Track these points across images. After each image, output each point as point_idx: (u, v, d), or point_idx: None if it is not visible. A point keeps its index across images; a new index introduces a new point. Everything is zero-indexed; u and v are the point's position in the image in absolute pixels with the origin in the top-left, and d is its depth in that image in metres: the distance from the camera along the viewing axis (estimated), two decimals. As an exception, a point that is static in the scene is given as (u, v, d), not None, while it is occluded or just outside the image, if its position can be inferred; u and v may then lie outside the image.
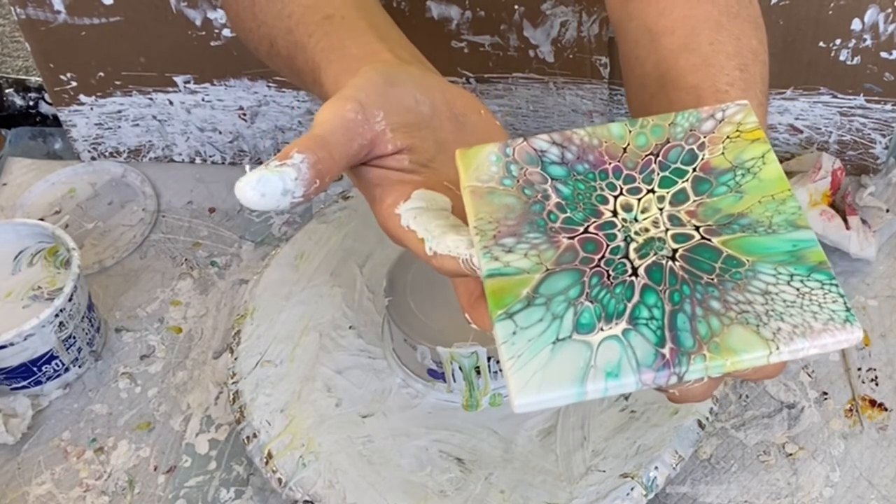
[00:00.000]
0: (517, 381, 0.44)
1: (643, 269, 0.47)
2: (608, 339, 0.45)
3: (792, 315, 0.45)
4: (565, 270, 0.47)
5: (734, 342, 0.44)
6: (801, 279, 0.46)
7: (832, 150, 0.92)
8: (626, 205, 0.50)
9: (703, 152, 0.52)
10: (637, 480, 0.68)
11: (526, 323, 0.45)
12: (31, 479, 0.77)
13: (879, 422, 0.76)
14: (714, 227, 0.49)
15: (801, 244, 0.48)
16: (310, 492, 0.69)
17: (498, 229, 0.49)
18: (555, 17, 0.86)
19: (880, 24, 0.83)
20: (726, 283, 0.46)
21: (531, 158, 0.52)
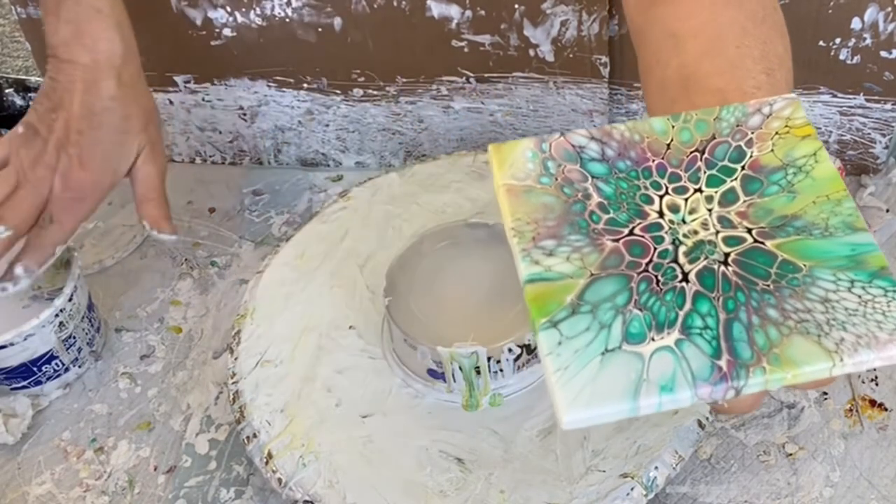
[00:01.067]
0: (565, 395, 0.41)
1: (694, 274, 0.45)
2: (661, 349, 0.42)
3: (855, 324, 0.42)
4: (611, 276, 0.45)
5: (795, 354, 0.42)
6: (863, 286, 0.44)
7: (832, 149, 0.92)
8: (673, 205, 0.48)
9: (752, 149, 0.49)
10: (637, 480, 0.67)
11: (572, 332, 0.43)
12: (31, 479, 0.77)
13: (879, 422, 0.76)
14: (767, 230, 0.46)
15: (860, 248, 0.45)
16: (310, 492, 0.69)
17: (537, 231, 0.47)
18: (555, 16, 0.86)
19: (880, 22, 0.83)
20: (783, 290, 0.44)
21: (569, 155, 0.50)
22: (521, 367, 0.73)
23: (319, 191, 0.98)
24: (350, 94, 0.95)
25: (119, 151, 0.74)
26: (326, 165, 1.01)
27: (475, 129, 0.96)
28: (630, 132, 0.50)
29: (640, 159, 0.49)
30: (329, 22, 0.89)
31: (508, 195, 0.48)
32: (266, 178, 1.00)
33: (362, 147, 0.99)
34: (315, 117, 0.97)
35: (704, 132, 0.50)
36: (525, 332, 0.72)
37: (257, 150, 1.00)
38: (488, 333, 0.71)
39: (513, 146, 0.50)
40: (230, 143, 1.00)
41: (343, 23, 0.89)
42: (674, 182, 0.48)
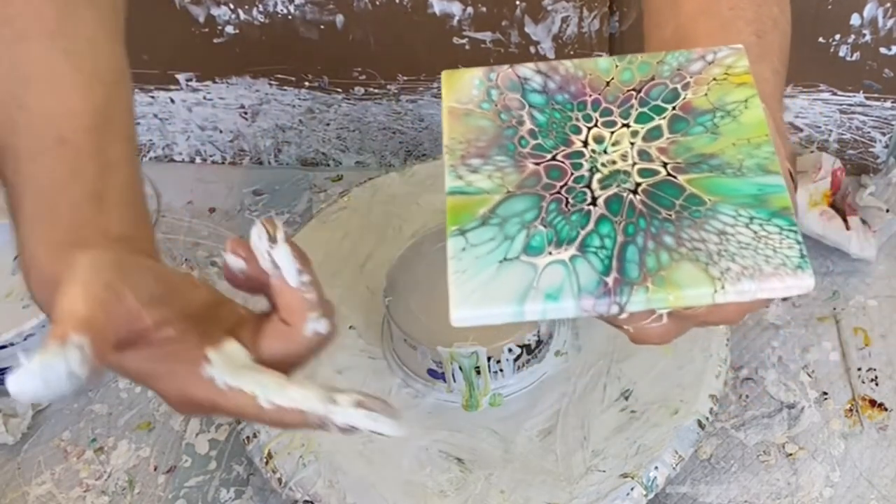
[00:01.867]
0: (458, 294, 0.44)
1: (602, 199, 0.47)
2: (554, 262, 0.45)
3: (744, 257, 0.44)
4: (525, 194, 0.48)
5: (680, 277, 0.44)
6: (761, 223, 0.46)
7: (832, 148, 0.92)
8: (598, 136, 0.50)
9: (687, 92, 0.51)
10: (637, 480, 0.67)
11: (477, 241, 0.46)
12: (31, 479, 0.77)
13: (879, 422, 0.76)
14: (682, 166, 0.48)
15: (767, 189, 0.47)
16: (310, 492, 0.69)
17: (467, 149, 0.50)
18: (556, 13, 0.86)
19: (879, 18, 0.83)
20: (683, 220, 0.46)
21: (513, 85, 0.53)
22: (521, 367, 0.73)
23: (319, 191, 0.98)
24: (351, 93, 0.95)
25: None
26: (326, 165, 1.01)
27: (475, 127, 0.96)
28: (575, 68, 0.53)
29: (579, 93, 0.52)
30: (331, 19, 0.89)
31: (450, 117, 0.52)
32: (266, 177, 1.00)
33: (363, 146, 0.99)
34: (316, 116, 0.97)
35: (645, 73, 0.52)
36: (525, 332, 0.72)
37: (257, 150, 1.00)
38: (488, 333, 0.71)
39: (463, 73, 0.53)
40: (231, 143, 1.00)
41: (345, 20, 0.89)
42: (605, 116, 0.51)
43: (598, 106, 0.51)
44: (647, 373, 0.73)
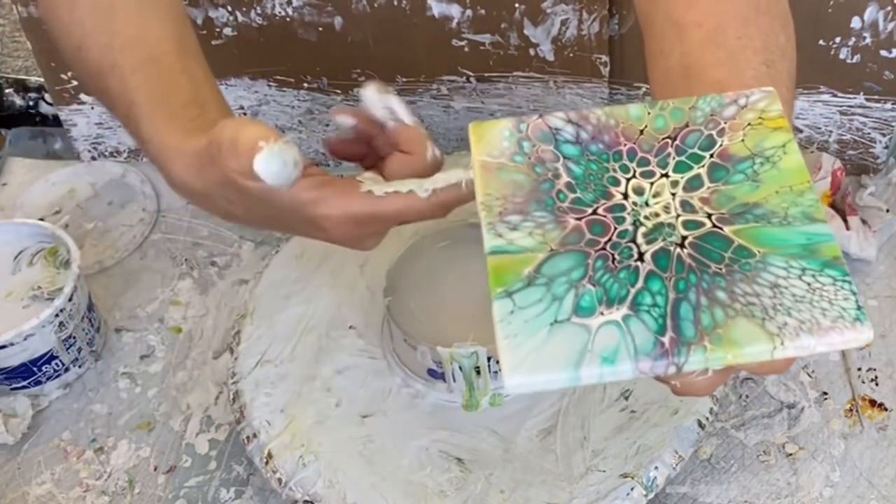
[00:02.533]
0: (511, 360, 0.43)
1: (650, 254, 0.46)
2: (607, 323, 0.44)
3: (800, 310, 0.43)
4: (570, 252, 0.46)
5: (737, 335, 0.43)
6: (814, 274, 0.45)
7: (832, 149, 0.92)
8: (638, 188, 0.49)
9: (723, 138, 0.50)
10: (637, 480, 0.67)
11: (525, 303, 0.45)
12: (31, 479, 0.77)
13: (879, 422, 0.76)
14: (727, 216, 0.47)
15: (816, 237, 0.46)
16: (310, 492, 0.69)
17: (504, 206, 0.48)
18: (555, 15, 0.86)
19: (880, 21, 0.83)
20: (735, 274, 0.45)
21: (545, 136, 0.51)
22: (521, 367, 0.73)
23: (319, 190, 0.98)
24: (350, 94, 0.95)
25: None
26: (326, 165, 1.01)
27: (475, 128, 0.96)
28: (606, 117, 0.52)
29: (613, 143, 0.51)
30: (330, 21, 0.89)
31: (482, 171, 0.50)
32: (266, 177, 1.00)
33: (362, 147, 0.99)
34: (315, 117, 0.97)
35: (679, 120, 0.52)
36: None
37: (257, 150, 1.00)
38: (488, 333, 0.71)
39: (492, 125, 0.52)
40: (230, 143, 1.00)
41: (344, 22, 0.89)
42: (642, 166, 0.50)
43: (635, 156, 0.50)
44: (647, 373, 0.73)
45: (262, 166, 0.50)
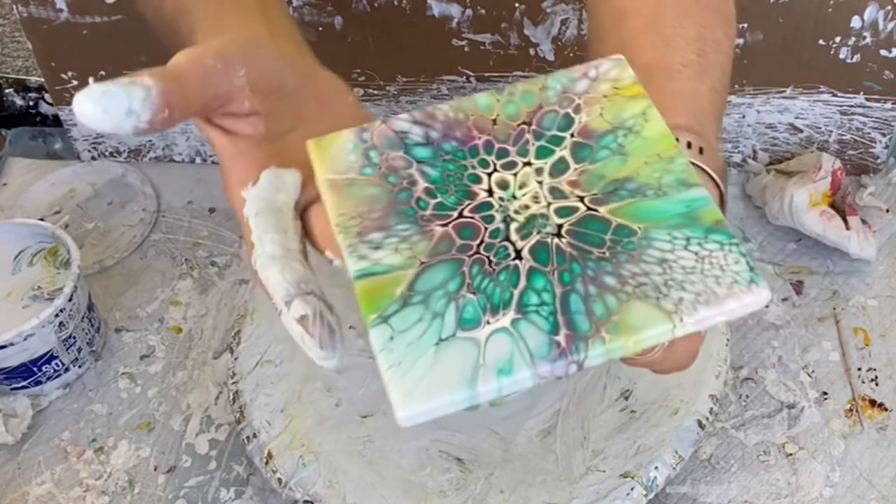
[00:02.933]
0: (399, 391, 0.40)
1: (527, 250, 0.44)
2: (496, 332, 0.41)
3: (693, 283, 0.42)
4: (442, 262, 0.44)
5: (634, 319, 0.41)
6: (699, 242, 0.43)
7: (832, 149, 0.92)
8: (502, 182, 0.46)
9: (580, 115, 0.48)
10: (637, 480, 0.67)
11: (403, 325, 0.42)
12: (31, 479, 0.77)
13: (879, 422, 0.76)
14: (600, 196, 0.45)
15: (694, 204, 0.44)
16: (310, 492, 0.69)
17: (363, 224, 0.45)
18: (555, 15, 0.86)
19: (880, 21, 0.83)
20: (619, 256, 0.43)
21: (392, 142, 0.48)
22: (521, 367, 0.73)
23: (319, 190, 0.98)
24: (350, 94, 0.95)
25: None
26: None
27: (475, 128, 0.96)
28: (454, 111, 0.49)
29: (466, 138, 0.48)
30: (330, 21, 0.89)
31: (331, 191, 0.47)
32: (266, 177, 1.00)
33: (362, 147, 0.99)
34: (315, 117, 0.97)
35: (531, 103, 0.49)
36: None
37: (257, 150, 1.00)
38: None
39: (333, 139, 0.48)
40: (230, 143, 1.00)
41: (343, 22, 0.89)
42: (502, 158, 0.47)
43: (492, 148, 0.47)
44: (647, 373, 0.73)
45: (77, 105, 0.43)
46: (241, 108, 0.49)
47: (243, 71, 0.48)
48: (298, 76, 0.52)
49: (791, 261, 0.87)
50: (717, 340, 0.74)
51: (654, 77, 0.56)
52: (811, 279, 0.85)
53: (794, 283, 0.85)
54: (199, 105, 0.47)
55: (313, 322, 0.46)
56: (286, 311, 0.47)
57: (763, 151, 0.93)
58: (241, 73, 0.48)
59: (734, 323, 0.82)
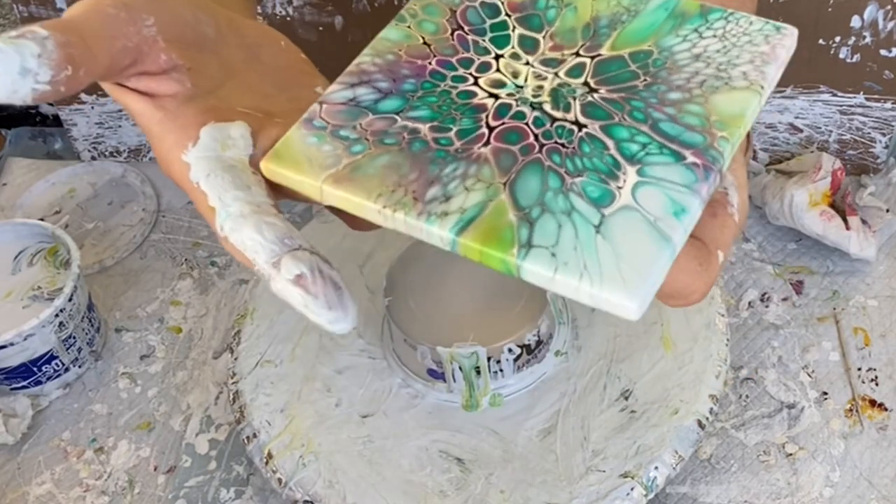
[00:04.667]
0: (614, 288, 0.37)
1: (582, 116, 0.43)
2: (635, 189, 0.40)
3: (739, 56, 0.44)
4: (522, 171, 0.42)
5: (728, 108, 0.42)
6: (706, 27, 0.45)
7: (832, 149, 0.92)
8: (496, 82, 0.45)
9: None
10: (637, 480, 0.67)
11: (551, 238, 0.39)
12: (31, 479, 0.77)
13: (879, 422, 0.76)
14: (589, 44, 0.45)
15: (669, 4, 0.46)
16: (310, 492, 0.69)
17: (411, 190, 0.41)
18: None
19: (880, 21, 0.83)
20: (660, 74, 0.44)
21: (351, 112, 0.44)
22: (521, 367, 0.73)
23: (319, 190, 0.98)
24: (350, 94, 0.95)
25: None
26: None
27: (475, 128, 0.96)
28: (379, 57, 0.47)
29: (418, 70, 0.46)
30: (330, 21, 0.89)
31: (339, 186, 0.42)
32: (266, 177, 1.00)
33: (362, 146, 0.99)
34: (315, 117, 0.97)
35: (442, 12, 0.48)
36: (525, 331, 0.72)
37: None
38: (488, 333, 0.71)
39: (286, 146, 0.44)
40: (230, 143, 1.00)
41: (344, 22, 0.89)
42: (470, 66, 0.46)
43: (451, 64, 0.46)
44: (647, 373, 0.73)
45: None
46: (157, 63, 0.43)
47: (151, 20, 0.42)
48: (217, 26, 0.46)
49: (791, 261, 0.87)
50: (717, 340, 0.74)
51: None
52: (811, 279, 0.85)
53: (794, 283, 0.85)
54: (106, 61, 0.41)
55: (313, 280, 0.41)
56: (276, 274, 0.41)
57: (763, 151, 0.93)
58: (150, 22, 0.42)
59: (734, 323, 0.82)
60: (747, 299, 0.84)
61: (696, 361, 0.73)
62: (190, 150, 0.44)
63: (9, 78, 0.37)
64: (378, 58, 0.47)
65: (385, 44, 0.47)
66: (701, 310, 0.76)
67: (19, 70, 0.37)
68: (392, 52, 0.47)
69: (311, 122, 0.44)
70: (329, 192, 0.42)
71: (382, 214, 0.41)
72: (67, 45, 0.38)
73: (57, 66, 0.38)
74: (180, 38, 0.44)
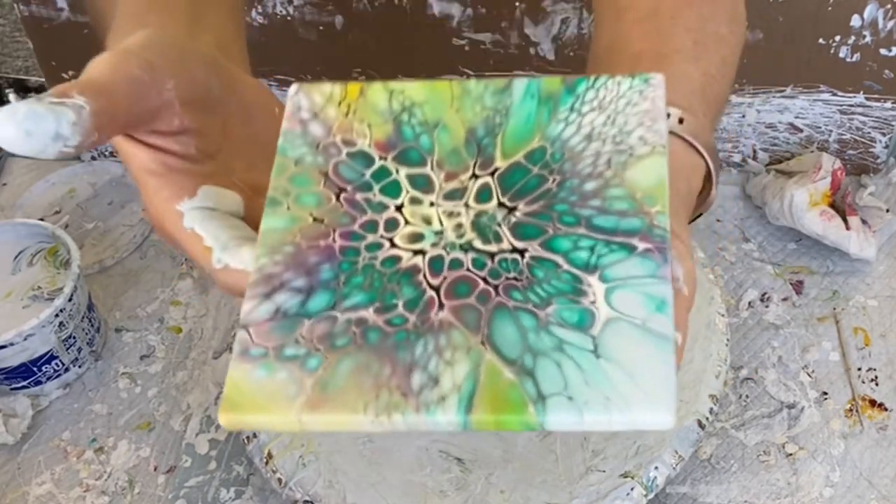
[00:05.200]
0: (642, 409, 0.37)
1: (514, 240, 0.41)
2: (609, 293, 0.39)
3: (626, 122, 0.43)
4: (492, 318, 0.39)
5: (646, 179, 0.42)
6: (580, 102, 0.44)
7: (832, 149, 0.92)
8: (414, 236, 0.42)
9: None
10: (637, 480, 0.67)
11: (559, 383, 0.38)
12: (31, 479, 0.77)
13: (879, 422, 0.76)
14: (481, 161, 0.44)
15: (532, 86, 0.45)
16: (310, 492, 0.69)
17: (395, 387, 0.39)
18: (556, 14, 0.86)
19: (879, 20, 0.83)
20: (565, 168, 0.43)
21: (284, 326, 0.40)
22: (521, 367, 0.73)
23: (319, 190, 0.98)
24: (350, 94, 0.95)
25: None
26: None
27: (475, 128, 0.96)
28: (276, 253, 0.43)
29: (326, 253, 0.42)
30: (330, 20, 0.89)
31: (318, 411, 0.38)
32: (266, 177, 1.00)
33: (362, 146, 0.99)
34: (315, 116, 0.97)
35: (312, 180, 0.45)
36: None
37: (257, 150, 1.00)
38: None
39: (237, 388, 0.39)
40: (230, 143, 1.00)
41: (344, 21, 0.89)
42: (376, 230, 0.43)
43: (357, 236, 0.43)
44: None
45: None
46: (170, 125, 0.44)
47: (171, 83, 0.43)
48: (222, 85, 0.47)
49: (791, 261, 0.87)
50: (717, 340, 0.74)
51: (641, 62, 0.55)
52: (811, 279, 0.85)
53: (794, 283, 0.85)
54: (124, 122, 0.42)
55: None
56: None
57: (763, 151, 0.93)
58: (170, 85, 0.43)
59: (734, 323, 0.82)
60: (747, 299, 0.84)
61: (696, 361, 0.73)
62: (185, 201, 0.45)
63: (41, 140, 0.38)
64: (276, 255, 0.42)
65: (274, 236, 0.43)
66: (701, 310, 0.76)
67: (53, 135, 0.38)
68: (288, 243, 0.43)
69: (247, 354, 0.40)
70: (309, 420, 0.38)
71: (377, 423, 0.38)
72: (99, 114, 0.39)
73: (87, 133, 0.39)
74: (193, 100, 0.44)
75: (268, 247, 0.42)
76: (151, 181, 0.45)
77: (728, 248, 0.88)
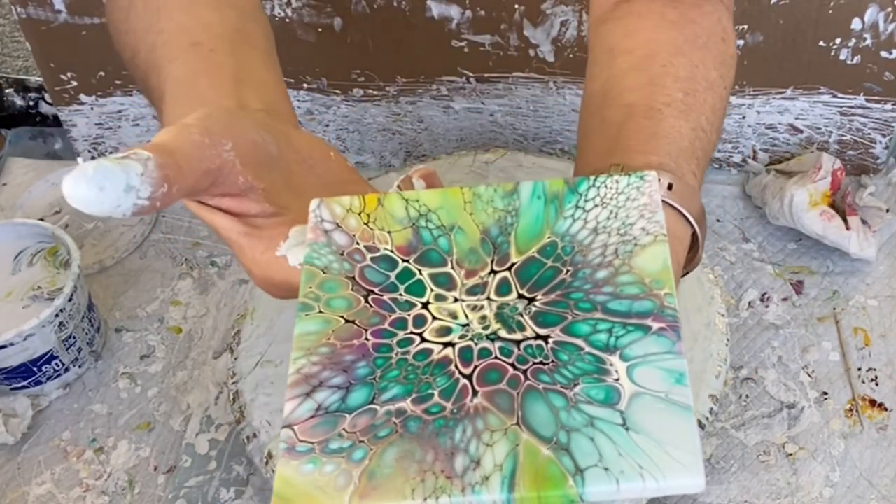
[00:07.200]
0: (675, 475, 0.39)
1: (537, 328, 0.44)
2: (631, 370, 0.42)
3: (628, 215, 0.47)
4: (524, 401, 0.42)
5: (652, 265, 0.45)
6: (584, 200, 0.48)
7: (832, 149, 0.92)
8: (443, 329, 0.45)
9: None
10: (637, 480, 0.67)
11: (594, 456, 0.40)
12: (31, 479, 0.77)
13: (879, 422, 0.76)
14: (498, 258, 0.47)
15: (538, 188, 0.49)
16: (310, 492, 0.69)
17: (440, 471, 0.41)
18: (555, 16, 0.86)
19: (880, 23, 0.83)
20: (577, 260, 0.46)
21: (327, 422, 0.43)
22: (522, 368, 0.73)
23: (319, 191, 0.98)
24: (350, 94, 0.95)
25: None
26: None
27: (475, 129, 0.96)
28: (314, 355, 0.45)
29: (361, 351, 0.45)
30: (329, 22, 0.89)
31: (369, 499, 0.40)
32: (266, 178, 1.00)
33: (362, 147, 0.99)
34: (315, 117, 0.97)
35: (341, 284, 0.47)
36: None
37: (257, 150, 1.00)
38: None
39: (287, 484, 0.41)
40: (230, 143, 1.00)
41: (343, 23, 0.89)
42: (406, 327, 0.45)
43: (389, 333, 0.45)
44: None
45: (68, 188, 0.41)
46: (236, 184, 0.47)
47: (229, 144, 0.46)
48: (277, 143, 0.50)
49: (791, 261, 0.87)
50: (717, 340, 0.74)
51: (633, 117, 0.56)
52: (811, 279, 0.85)
53: (794, 283, 0.85)
54: (194, 180, 0.44)
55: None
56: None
57: (763, 152, 0.93)
58: (228, 146, 0.46)
59: (734, 323, 0.82)
60: (747, 299, 0.84)
61: (696, 361, 0.73)
62: (282, 245, 0.49)
63: (115, 194, 0.40)
64: (313, 356, 0.45)
65: (309, 339, 0.46)
66: (701, 310, 0.75)
67: (125, 187, 0.40)
68: (323, 345, 0.45)
69: (293, 451, 0.42)
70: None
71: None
72: (165, 167, 0.42)
73: (156, 184, 0.41)
74: (253, 160, 0.47)
75: (303, 349, 0.45)
76: (244, 242, 0.49)
77: (728, 248, 0.88)
